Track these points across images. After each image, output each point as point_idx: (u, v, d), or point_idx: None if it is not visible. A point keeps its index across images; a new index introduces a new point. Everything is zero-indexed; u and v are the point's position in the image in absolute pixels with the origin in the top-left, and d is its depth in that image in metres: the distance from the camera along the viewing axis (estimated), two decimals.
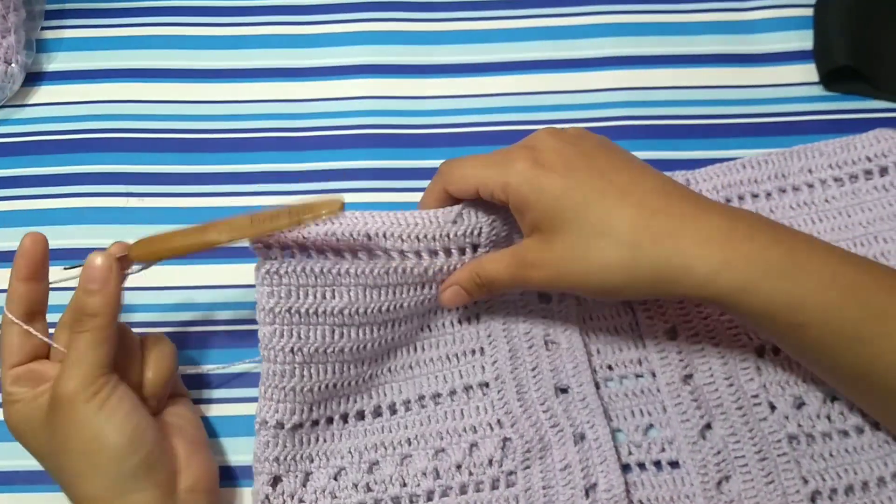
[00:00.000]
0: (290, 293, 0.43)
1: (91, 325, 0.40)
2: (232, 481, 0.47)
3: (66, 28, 0.59)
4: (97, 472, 0.40)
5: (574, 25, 0.59)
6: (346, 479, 0.45)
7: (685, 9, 0.60)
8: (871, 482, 0.45)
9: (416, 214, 0.46)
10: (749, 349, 0.48)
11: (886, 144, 0.52)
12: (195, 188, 0.54)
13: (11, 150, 0.55)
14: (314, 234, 0.43)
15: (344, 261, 0.44)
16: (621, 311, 0.50)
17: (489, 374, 0.47)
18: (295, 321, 0.43)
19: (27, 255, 0.42)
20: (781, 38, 0.58)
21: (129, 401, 0.41)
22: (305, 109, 0.57)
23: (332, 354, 0.44)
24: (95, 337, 0.40)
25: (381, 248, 0.45)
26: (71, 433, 0.40)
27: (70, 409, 0.40)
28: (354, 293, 0.44)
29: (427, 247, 0.46)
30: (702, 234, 0.40)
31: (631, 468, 0.46)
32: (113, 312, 0.41)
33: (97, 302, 0.40)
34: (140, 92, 0.57)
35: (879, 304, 0.39)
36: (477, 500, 0.45)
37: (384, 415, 0.47)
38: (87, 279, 0.41)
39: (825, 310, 0.39)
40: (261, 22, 0.59)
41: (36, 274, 0.43)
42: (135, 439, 0.40)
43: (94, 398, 0.40)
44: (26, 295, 0.42)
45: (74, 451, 0.40)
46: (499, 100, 0.57)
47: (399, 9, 0.60)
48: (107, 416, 0.40)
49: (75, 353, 0.40)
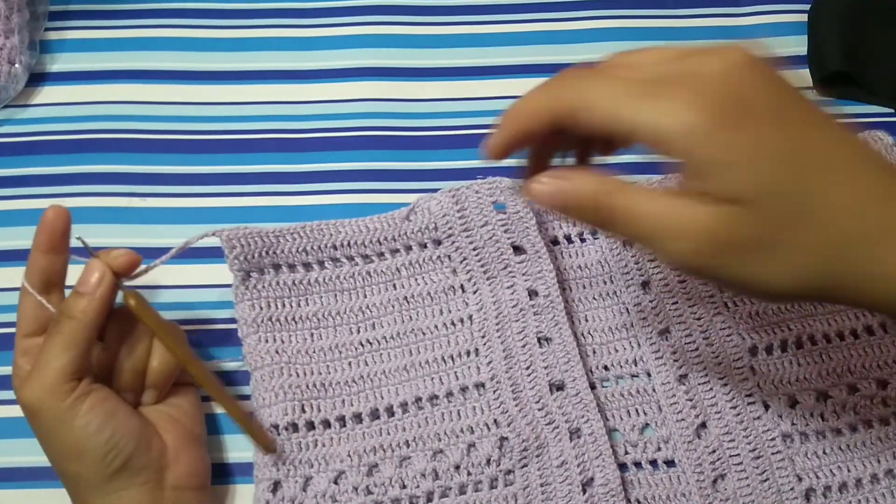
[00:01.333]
0: (268, 304, 0.48)
1: (65, 327, 0.40)
2: (228, 478, 0.47)
3: (70, 29, 0.59)
4: (77, 476, 0.40)
5: (572, 30, 0.60)
6: (346, 483, 0.45)
7: (681, 14, 0.60)
8: (864, 479, 0.46)
9: (376, 219, 0.50)
10: (743, 349, 0.48)
11: (877, 146, 0.52)
12: (197, 189, 0.54)
13: (15, 150, 0.55)
14: (286, 251, 0.48)
15: (312, 272, 0.49)
16: (615, 312, 0.50)
17: (484, 375, 0.48)
18: (276, 328, 0.48)
19: (48, 227, 0.42)
20: (776, 44, 0.59)
21: (102, 407, 0.41)
22: (306, 111, 0.57)
23: (314, 354, 0.48)
24: (69, 339, 0.40)
25: (346, 255, 0.49)
26: (48, 437, 0.40)
27: (38, 416, 0.40)
28: (325, 299, 0.49)
29: (388, 247, 0.50)
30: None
31: (627, 467, 0.47)
32: (91, 320, 0.41)
33: (80, 305, 0.40)
34: (143, 93, 0.57)
35: None
36: (476, 499, 0.45)
37: (381, 417, 0.47)
38: (82, 282, 0.41)
39: None
40: (263, 25, 0.60)
41: (56, 246, 0.42)
42: (112, 445, 0.40)
43: (60, 404, 0.39)
44: (45, 266, 0.42)
45: (58, 452, 0.40)
46: (497, 103, 0.57)
47: (399, 13, 0.60)
48: (81, 425, 0.40)
49: (44, 356, 0.40)
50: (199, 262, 0.52)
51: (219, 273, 0.51)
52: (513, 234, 0.49)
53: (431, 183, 0.54)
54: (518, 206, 0.49)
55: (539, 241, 0.49)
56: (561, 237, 0.52)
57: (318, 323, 0.48)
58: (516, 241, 0.49)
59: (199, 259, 0.51)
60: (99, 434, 0.40)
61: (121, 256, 0.42)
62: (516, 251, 0.49)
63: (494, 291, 0.49)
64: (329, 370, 0.47)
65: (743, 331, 0.49)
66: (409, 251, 0.50)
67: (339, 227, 0.49)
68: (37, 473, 0.47)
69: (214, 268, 0.52)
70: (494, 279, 0.49)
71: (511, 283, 0.49)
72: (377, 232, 0.49)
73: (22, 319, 0.43)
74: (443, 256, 0.50)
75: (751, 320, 0.49)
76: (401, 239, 0.50)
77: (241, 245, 0.47)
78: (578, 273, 0.51)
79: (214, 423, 0.49)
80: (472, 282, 0.49)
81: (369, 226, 0.50)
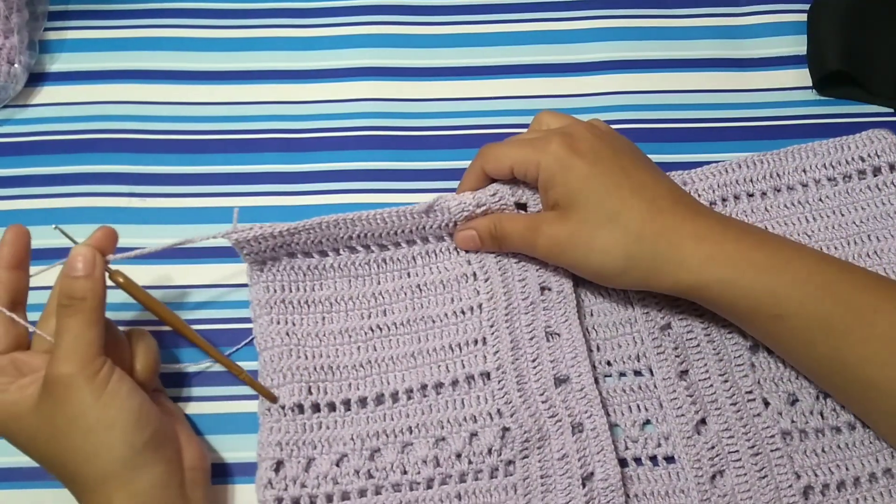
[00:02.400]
0: (282, 287, 0.48)
1: (82, 307, 0.41)
2: (228, 478, 0.48)
3: (69, 29, 0.60)
4: (107, 451, 0.40)
5: (572, 30, 0.60)
6: (348, 466, 0.45)
7: (681, 13, 0.60)
8: (862, 478, 0.46)
9: (393, 213, 0.49)
10: (744, 346, 0.48)
11: (879, 145, 0.52)
12: (197, 188, 0.55)
13: (14, 150, 0.55)
14: (302, 241, 0.48)
15: (327, 258, 0.49)
16: (620, 307, 0.50)
17: (491, 364, 0.48)
18: (289, 310, 0.48)
19: (12, 244, 0.43)
20: (776, 43, 0.59)
21: (129, 381, 0.42)
22: (307, 111, 0.57)
23: (324, 337, 0.48)
24: (88, 318, 0.41)
25: (362, 244, 0.50)
26: (73, 414, 0.40)
27: (69, 391, 0.40)
28: (339, 283, 0.49)
29: (405, 238, 0.50)
30: (698, 233, 0.44)
31: (627, 462, 0.47)
32: (101, 296, 0.41)
33: (85, 285, 0.41)
34: (142, 93, 0.57)
35: (853, 299, 0.42)
36: (476, 488, 0.45)
37: (386, 403, 0.47)
38: (71, 269, 0.41)
39: (802, 302, 0.42)
40: (263, 25, 0.60)
41: (20, 263, 0.43)
42: (141, 417, 0.41)
43: (95, 377, 0.40)
44: (11, 283, 0.43)
45: (79, 431, 0.40)
46: (498, 103, 0.58)
47: (400, 12, 0.60)
48: (111, 396, 0.40)
49: (69, 334, 0.40)
50: (200, 262, 0.52)
51: (219, 273, 0.52)
52: None
53: (431, 183, 0.55)
54: (539, 205, 0.49)
55: None
56: None
57: (330, 307, 0.49)
58: None
59: (199, 259, 0.52)
60: (131, 400, 0.41)
61: (99, 236, 0.43)
62: None
63: (506, 283, 0.49)
64: (338, 354, 0.48)
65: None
66: (425, 242, 0.51)
67: (354, 222, 0.48)
68: (37, 473, 0.47)
69: (213, 268, 0.52)
70: (507, 272, 0.50)
71: (523, 276, 0.49)
72: (393, 226, 0.49)
73: None
74: (459, 248, 0.51)
75: None
76: (419, 232, 0.50)
77: (251, 246, 0.47)
78: None
79: (214, 423, 0.49)
80: (485, 270, 0.50)
81: (386, 219, 0.49)
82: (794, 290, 0.42)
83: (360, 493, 0.45)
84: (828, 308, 0.42)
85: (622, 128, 0.56)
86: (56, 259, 0.43)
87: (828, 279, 0.43)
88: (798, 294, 0.42)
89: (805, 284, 0.42)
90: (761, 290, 0.43)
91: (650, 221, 0.44)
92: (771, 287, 0.43)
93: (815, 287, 0.42)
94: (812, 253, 0.44)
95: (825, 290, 0.42)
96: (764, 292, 0.43)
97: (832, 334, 0.42)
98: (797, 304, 0.42)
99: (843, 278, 0.43)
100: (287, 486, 0.45)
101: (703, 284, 0.44)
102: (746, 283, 0.43)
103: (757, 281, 0.43)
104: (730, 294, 0.43)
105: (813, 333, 0.43)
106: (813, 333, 0.43)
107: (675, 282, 0.44)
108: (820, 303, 0.42)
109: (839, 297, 0.42)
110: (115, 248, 0.44)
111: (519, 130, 0.56)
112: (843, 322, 0.42)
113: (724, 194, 0.52)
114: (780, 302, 0.42)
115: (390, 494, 0.45)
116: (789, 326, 0.43)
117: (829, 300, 0.42)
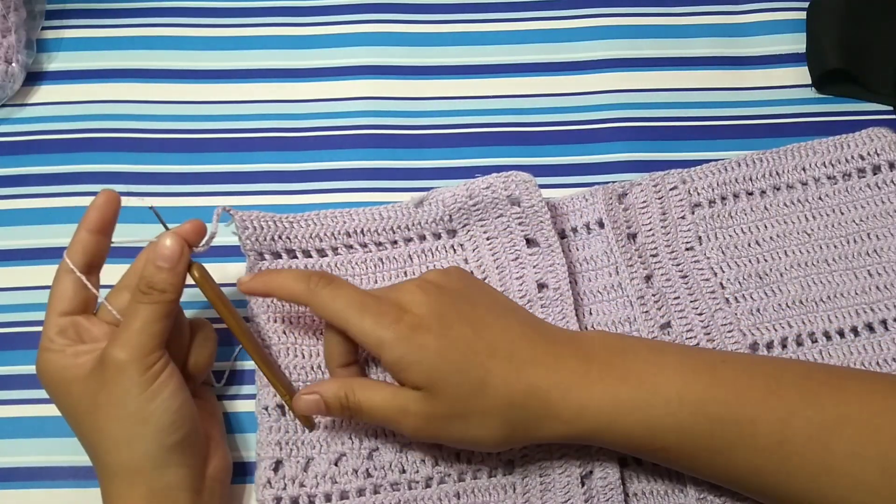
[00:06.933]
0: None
1: (159, 298, 0.41)
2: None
3: (67, 28, 0.59)
4: (139, 442, 0.40)
5: (570, 28, 0.60)
6: (347, 465, 0.46)
7: (679, 12, 0.60)
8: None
9: (389, 208, 0.50)
10: (742, 345, 0.48)
11: (879, 143, 0.52)
12: (195, 188, 0.54)
13: (12, 150, 0.55)
14: (300, 237, 0.49)
15: (326, 257, 0.50)
16: (619, 306, 0.50)
17: None
18: (286, 309, 0.48)
19: (100, 208, 0.43)
20: (774, 41, 0.59)
21: (177, 379, 0.42)
22: (305, 110, 0.57)
23: (322, 336, 0.47)
24: (161, 310, 0.41)
25: (359, 242, 0.50)
26: (115, 399, 0.40)
27: (119, 376, 0.40)
28: None
29: (402, 235, 0.50)
30: (564, 384, 0.41)
31: (627, 462, 0.47)
32: (179, 291, 0.42)
33: (167, 279, 0.41)
34: (140, 92, 0.57)
35: (728, 417, 0.40)
36: (474, 487, 0.46)
37: None
38: (158, 257, 0.41)
39: (678, 431, 0.41)
40: (261, 23, 0.60)
41: (104, 228, 0.43)
42: (178, 418, 0.41)
43: (147, 371, 0.40)
44: (90, 246, 0.43)
45: (118, 417, 0.40)
46: (496, 102, 0.58)
47: (398, 11, 0.60)
48: (155, 392, 0.40)
49: (137, 321, 0.41)
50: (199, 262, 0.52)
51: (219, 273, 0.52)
52: (527, 227, 0.50)
53: (431, 182, 0.54)
54: (533, 199, 0.49)
55: (553, 235, 0.50)
56: (568, 230, 0.52)
57: None
58: (530, 235, 0.50)
59: (198, 258, 0.51)
60: (171, 400, 0.41)
61: (188, 229, 0.43)
62: (529, 244, 0.50)
63: (503, 280, 0.49)
64: None
65: (744, 327, 0.49)
66: (422, 240, 0.51)
67: (352, 215, 0.50)
68: (37, 473, 0.47)
69: (213, 268, 0.52)
70: (504, 270, 0.49)
71: (520, 273, 0.49)
72: (390, 220, 0.50)
73: (59, 297, 0.43)
74: (456, 246, 0.51)
75: (752, 316, 0.49)
76: (414, 228, 0.50)
77: (253, 227, 0.47)
78: (585, 266, 0.51)
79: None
80: (482, 269, 0.50)
81: (383, 214, 0.50)
82: (667, 419, 0.40)
83: (358, 493, 0.45)
84: (704, 430, 0.40)
85: (620, 126, 0.56)
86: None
87: (699, 399, 0.40)
88: (671, 423, 0.40)
89: (678, 411, 0.40)
90: (636, 428, 0.41)
91: (516, 382, 0.41)
92: (645, 423, 0.41)
93: (688, 412, 0.40)
94: (676, 369, 0.42)
95: (698, 412, 0.40)
96: (639, 430, 0.41)
97: (715, 454, 0.41)
98: (674, 434, 0.40)
99: (714, 396, 0.41)
100: (286, 486, 0.45)
101: (582, 435, 0.42)
102: (620, 427, 0.41)
103: (629, 420, 0.41)
104: (609, 439, 0.42)
105: (696, 457, 0.41)
106: (696, 457, 0.41)
107: (558, 435, 0.42)
108: (697, 426, 0.40)
109: (714, 418, 0.40)
110: (200, 242, 0.44)
111: (517, 130, 0.56)
112: (721, 442, 0.40)
113: (724, 192, 0.52)
114: (657, 435, 0.41)
115: (389, 493, 0.45)
116: (676, 453, 0.41)
117: (704, 422, 0.40)
